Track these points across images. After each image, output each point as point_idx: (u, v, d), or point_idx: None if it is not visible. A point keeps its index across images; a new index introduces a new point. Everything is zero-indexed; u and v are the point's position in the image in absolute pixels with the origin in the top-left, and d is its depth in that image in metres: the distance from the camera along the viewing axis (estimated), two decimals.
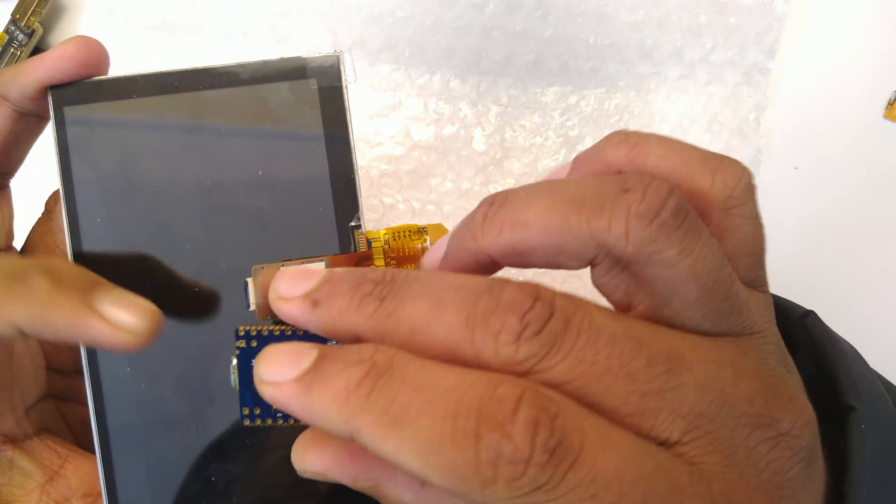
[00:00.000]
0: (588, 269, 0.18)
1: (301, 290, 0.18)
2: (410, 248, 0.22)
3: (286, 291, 0.18)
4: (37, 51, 0.44)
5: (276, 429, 0.19)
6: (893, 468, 0.19)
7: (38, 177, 0.27)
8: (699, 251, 0.16)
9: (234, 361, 0.19)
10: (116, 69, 0.25)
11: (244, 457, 0.24)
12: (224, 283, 0.24)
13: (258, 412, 0.19)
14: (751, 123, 0.43)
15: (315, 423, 0.16)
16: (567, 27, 0.42)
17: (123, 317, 0.21)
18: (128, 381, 0.24)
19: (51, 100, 0.24)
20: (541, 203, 0.17)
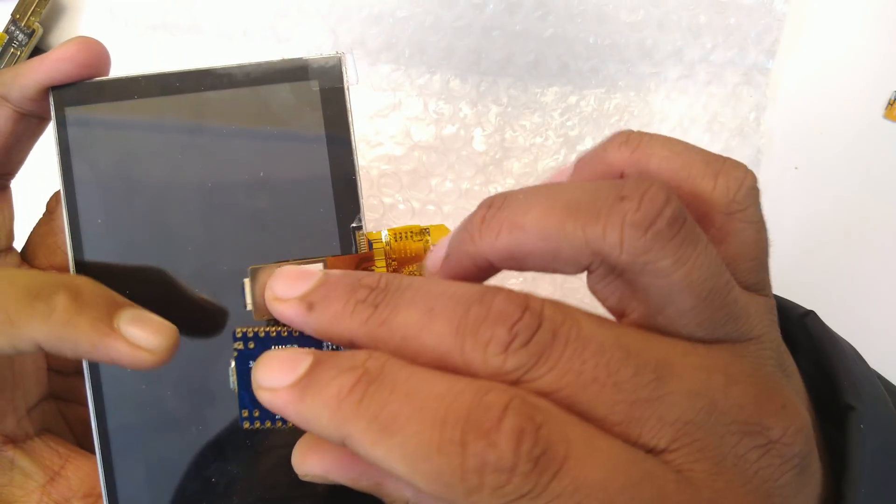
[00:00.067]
0: None
1: (297, 292, 0.18)
2: (412, 250, 0.22)
3: (282, 292, 0.18)
4: (37, 51, 0.44)
5: (276, 430, 0.19)
6: (892, 468, 0.19)
7: (40, 177, 0.27)
8: (694, 261, 0.16)
9: (233, 364, 0.19)
10: (117, 69, 0.25)
11: (244, 457, 0.24)
12: (225, 284, 0.24)
13: (257, 414, 0.19)
14: (751, 123, 0.43)
15: (309, 429, 0.16)
16: (567, 27, 0.42)
17: (142, 336, 0.21)
18: (128, 382, 0.24)
19: (52, 101, 0.24)
20: (538, 207, 0.16)
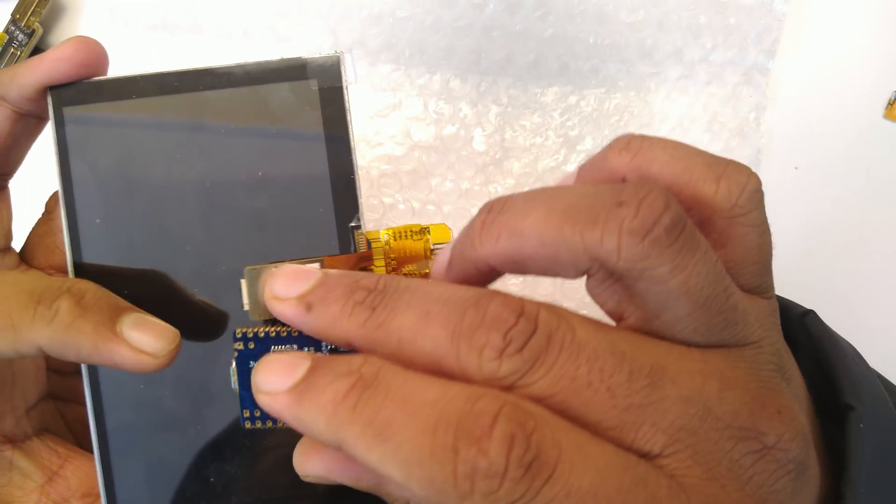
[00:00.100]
0: None
1: (296, 292, 0.18)
2: (412, 249, 0.22)
3: (281, 291, 0.18)
4: (37, 51, 0.44)
5: (275, 430, 0.19)
6: (892, 467, 0.19)
7: (39, 177, 0.27)
8: (692, 268, 0.16)
9: (234, 364, 0.19)
10: (116, 69, 0.25)
11: (243, 457, 0.24)
12: (223, 284, 0.24)
13: (258, 414, 0.19)
14: (751, 123, 0.43)
15: (306, 433, 0.16)
16: (567, 27, 0.42)
17: (144, 340, 0.21)
18: (126, 382, 0.24)
19: (50, 100, 0.24)
20: (537, 212, 0.16)
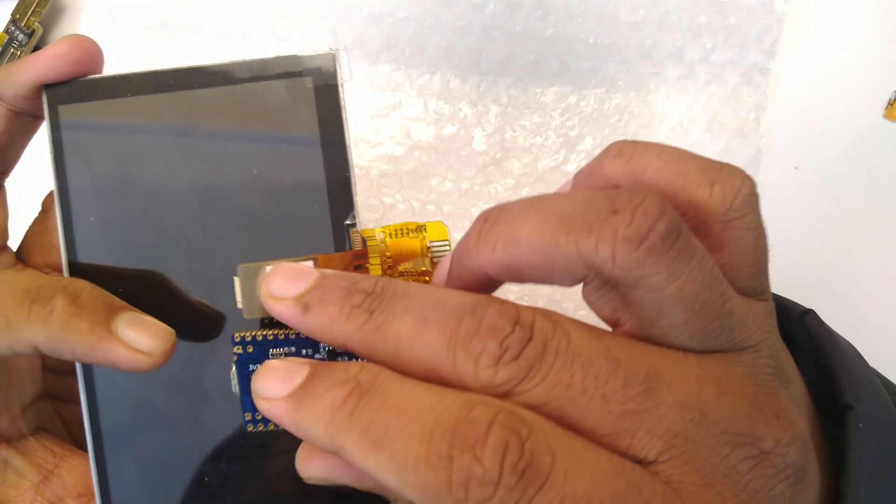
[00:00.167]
0: None
1: (293, 292, 0.18)
2: (408, 247, 0.22)
3: (278, 290, 0.18)
4: (36, 50, 0.44)
5: (273, 432, 0.19)
6: (892, 467, 0.19)
7: (37, 176, 0.27)
8: (688, 275, 0.16)
9: (234, 368, 0.19)
10: (117, 69, 0.25)
11: (237, 457, 0.24)
12: (219, 282, 0.24)
13: (260, 417, 0.19)
14: (751, 123, 0.43)
15: (305, 439, 0.17)
16: (567, 27, 0.42)
17: (139, 339, 0.21)
18: (121, 382, 0.24)
19: (45, 99, 0.24)
20: (532, 221, 0.16)
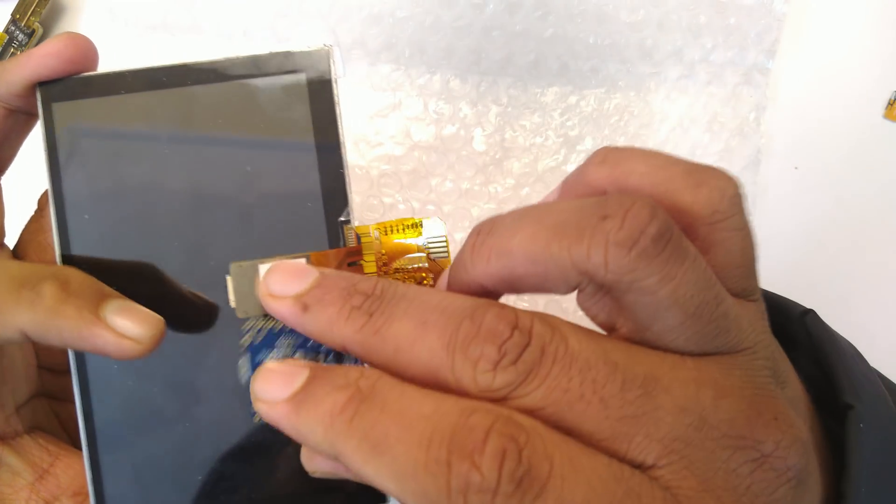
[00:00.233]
0: None
1: (292, 291, 0.18)
2: (403, 244, 0.22)
3: (277, 289, 0.18)
4: None
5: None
6: (893, 467, 0.19)
7: (33, 174, 0.27)
8: (682, 276, 0.16)
9: (244, 358, 0.19)
10: (111, 67, 0.25)
11: (232, 455, 0.24)
12: (212, 280, 0.24)
13: None
14: (751, 123, 0.43)
15: (304, 443, 0.17)
16: (567, 27, 0.42)
17: (127, 326, 0.21)
18: (115, 379, 0.24)
19: (39, 96, 0.24)
20: (524, 231, 0.17)
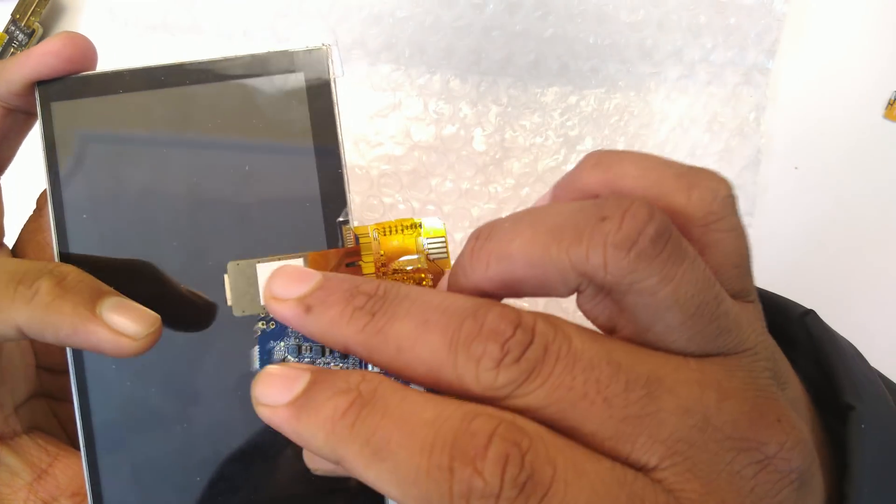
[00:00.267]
0: None
1: (295, 293, 0.18)
2: (401, 243, 0.22)
3: (280, 292, 0.18)
4: None
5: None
6: (894, 467, 0.19)
7: (33, 174, 0.27)
8: (681, 277, 0.16)
9: (256, 347, 0.19)
10: (110, 66, 0.25)
11: (230, 456, 0.24)
12: (211, 280, 0.24)
13: None
14: (751, 123, 0.43)
15: (305, 447, 0.17)
16: (567, 27, 0.42)
17: (124, 323, 0.21)
18: (114, 380, 0.24)
19: (38, 95, 0.24)
20: (523, 234, 0.17)
